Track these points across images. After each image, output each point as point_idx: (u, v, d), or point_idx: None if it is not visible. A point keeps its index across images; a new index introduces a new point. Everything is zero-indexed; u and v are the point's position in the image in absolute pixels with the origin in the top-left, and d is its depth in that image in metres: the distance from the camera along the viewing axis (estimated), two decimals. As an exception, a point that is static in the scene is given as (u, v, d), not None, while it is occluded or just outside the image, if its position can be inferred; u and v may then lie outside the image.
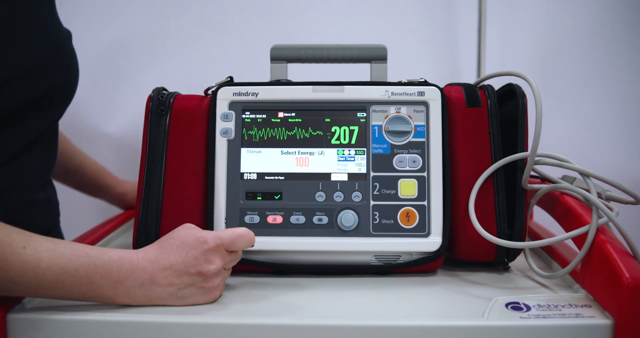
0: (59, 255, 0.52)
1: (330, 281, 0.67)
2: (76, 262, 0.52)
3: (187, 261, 0.57)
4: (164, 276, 0.56)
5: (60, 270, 0.51)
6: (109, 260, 0.54)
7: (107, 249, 0.55)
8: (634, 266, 0.54)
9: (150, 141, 0.70)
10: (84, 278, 0.52)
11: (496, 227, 0.68)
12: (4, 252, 0.49)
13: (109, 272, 0.54)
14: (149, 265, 0.56)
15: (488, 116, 0.70)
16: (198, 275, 0.57)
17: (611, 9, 1.19)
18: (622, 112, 1.21)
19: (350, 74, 0.89)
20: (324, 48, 0.76)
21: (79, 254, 0.53)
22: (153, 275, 0.56)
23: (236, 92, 0.70)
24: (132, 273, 0.55)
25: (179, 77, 1.16)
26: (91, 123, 1.19)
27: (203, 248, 0.58)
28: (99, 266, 0.53)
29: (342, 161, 0.69)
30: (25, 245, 0.50)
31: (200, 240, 0.58)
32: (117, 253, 0.55)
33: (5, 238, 0.50)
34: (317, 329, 0.54)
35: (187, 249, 0.57)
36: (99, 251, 0.54)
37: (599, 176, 0.63)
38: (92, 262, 0.53)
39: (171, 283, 0.57)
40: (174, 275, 0.57)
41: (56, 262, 0.51)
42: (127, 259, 0.55)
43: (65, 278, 0.52)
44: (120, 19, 1.18)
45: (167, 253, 0.57)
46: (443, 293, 0.63)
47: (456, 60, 1.21)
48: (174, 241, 0.58)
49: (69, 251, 0.52)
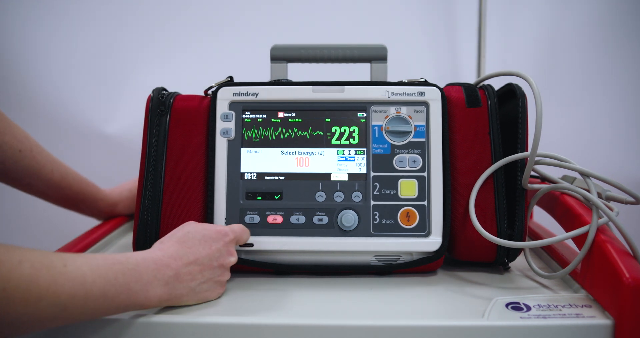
0: (96, 265, 0.49)
1: (331, 281, 0.67)
2: (113, 270, 0.50)
3: (211, 255, 0.58)
4: (187, 271, 0.56)
5: (104, 281, 0.49)
6: (137, 263, 0.53)
7: (129, 253, 0.54)
8: (634, 266, 0.54)
9: (150, 141, 0.70)
10: (122, 285, 0.51)
11: (496, 227, 0.68)
12: (52, 274, 0.45)
13: (140, 275, 0.52)
14: (172, 261, 0.56)
15: (488, 116, 0.70)
16: (219, 268, 0.59)
17: (611, 9, 1.19)
18: (622, 113, 1.21)
19: (350, 74, 0.89)
20: (324, 48, 0.76)
21: (112, 262, 0.51)
22: (177, 272, 0.55)
23: (236, 92, 0.70)
24: (158, 271, 0.54)
25: (179, 77, 1.16)
26: (91, 123, 1.19)
27: (225, 240, 0.59)
28: (131, 269, 0.52)
29: (342, 161, 0.69)
30: (64, 262, 0.47)
31: (221, 233, 0.60)
32: (139, 255, 0.54)
33: (45, 260, 0.46)
34: (317, 329, 0.54)
35: (210, 242, 0.58)
36: (126, 256, 0.53)
37: (599, 176, 0.63)
38: (125, 267, 0.51)
39: (193, 278, 0.57)
40: (197, 269, 0.57)
41: (98, 274, 0.49)
42: (150, 259, 0.54)
43: (107, 289, 0.49)
44: (120, 19, 1.18)
45: (190, 248, 0.57)
46: (443, 293, 0.63)
47: (456, 60, 1.21)
48: (194, 235, 0.58)
49: (102, 260, 0.50)
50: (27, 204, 1.17)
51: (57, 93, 1.17)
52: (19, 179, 0.77)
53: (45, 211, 1.04)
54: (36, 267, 0.44)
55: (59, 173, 0.80)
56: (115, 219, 0.90)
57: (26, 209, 1.20)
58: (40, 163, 0.77)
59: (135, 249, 0.68)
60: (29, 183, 0.78)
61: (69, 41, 1.18)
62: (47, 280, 0.45)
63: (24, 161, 0.75)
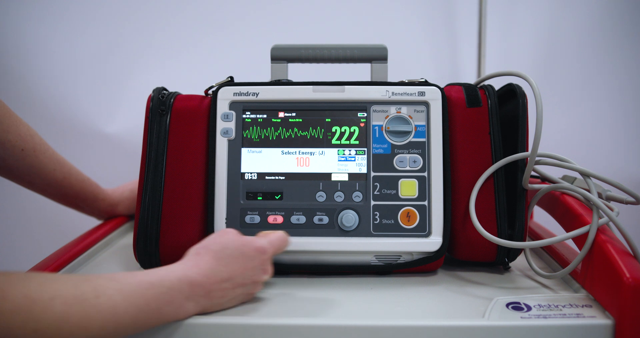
0: (128, 293, 0.48)
1: (331, 281, 0.67)
2: (145, 296, 0.50)
3: (245, 273, 0.57)
4: (220, 288, 0.55)
5: (135, 310, 0.49)
6: (171, 286, 0.52)
7: (161, 270, 0.53)
8: (635, 266, 0.54)
9: (151, 141, 0.70)
10: (154, 311, 0.50)
11: (497, 227, 0.68)
12: (83, 308, 0.45)
13: (172, 298, 0.52)
14: (205, 280, 0.54)
15: (488, 116, 0.70)
16: (251, 284, 0.58)
17: (611, 9, 1.19)
18: (622, 113, 1.22)
19: (351, 74, 0.89)
20: (324, 48, 0.76)
21: (145, 286, 0.50)
22: (209, 290, 0.55)
23: (237, 92, 0.70)
24: (191, 292, 0.53)
25: (179, 77, 1.16)
26: (91, 123, 1.19)
27: (262, 258, 0.58)
28: (164, 293, 0.51)
29: (343, 161, 0.69)
30: (96, 293, 0.46)
31: (259, 251, 0.58)
32: (173, 274, 0.53)
33: (77, 293, 0.45)
34: (317, 329, 0.54)
35: (246, 260, 0.57)
36: (159, 276, 0.52)
37: (599, 176, 0.63)
38: (158, 292, 0.51)
39: (224, 295, 0.56)
40: (230, 286, 0.56)
41: (130, 302, 0.48)
42: (185, 280, 0.53)
43: (138, 316, 0.49)
44: (120, 19, 1.18)
45: (225, 266, 0.56)
46: (443, 293, 0.63)
47: (456, 60, 1.22)
48: (232, 252, 0.56)
49: (135, 285, 0.49)
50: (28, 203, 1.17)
51: (58, 93, 1.17)
52: (20, 176, 0.77)
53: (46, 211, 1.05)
54: (68, 303, 0.44)
55: (61, 172, 0.80)
56: (115, 219, 0.90)
57: (27, 209, 1.20)
58: (42, 162, 0.77)
59: (136, 249, 0.68)
60: (30, 180, 0.78)
61: (70, 41, 1.18)
62: (78, 316, 0.44)
63: (26, 159, 0.75)
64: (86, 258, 0.75)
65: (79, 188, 0.83)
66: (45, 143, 0.78)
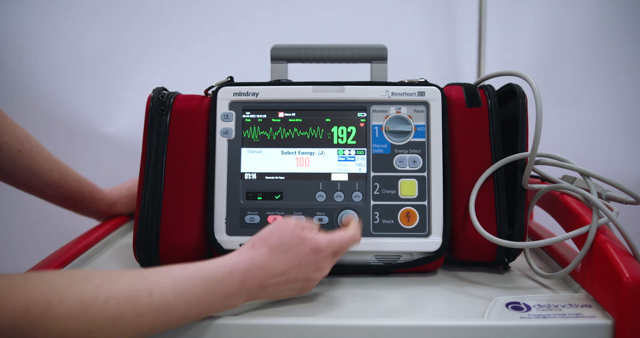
0: (181, 290, 0.49)
1: (330, 281, 0.67)
2: (196, 291, 0.50)
3: (299, 270, 0.57)
4: (273, 282, 0.55)
5: (187, 306, 0.49)
6: (223, 278, 0.52)
7: (215, 262, 0.53)
8: (634, 266, 0.54)
9: (151, 141, 0.70)
10: (205, 304, 0.51)
11: (496, 227, 0.68)
12: (136, 308, 0.46)
13: (225, 291, 0.52)
14: (259, 273, 0.54)
15: (488, 116, 0.70)
16: (304, 281, 0.58)
17: (611, 9, 1.19)
18: (622, 112, 1.22)
19: (351, 74, 0.89)
20: (324, 48, 0.76)
21: (197, 282, 0.51)
22: (262, 283, 0.55)
23: (236, 92, 0.70)
24: (243, 284, 0.53)
25: (179, 77, 1.16)
26: (91, 123, 1.19)
27: (318, 257, 0.58)
28: (215, 287, 0.52)
29: (343, 161, 0.69)
30: (149, 291, 0.47)
31: (315, 250, 0.57)
32: (227, 265, 0.53)
33: (131, 293, 0.46)
34: (317, 329, 0.54)
35: (300, 258, 0.56)
36: (212, 271, 0.52)
37: (599, 176, 0.63)
38: (209, 286, 0.51)
39: (277, 289, 0.56)
40: (283, 281, 0.56)
41: (182, 298, 0.49)
42: (238, 271, 0.53)
43: (189, 311, 0.50)
44: (120, 19, 1.18)
45: (280, 260, 0.56)
46: (443, 293, 0.63)
47: (456, 60, 1.22)
48: (288, 247, 0.56)
49: (188, 281, 0.50)
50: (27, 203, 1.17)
51: (58, 93, 1.17)
52: (17, 179, 0.77)
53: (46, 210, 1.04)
54: (121, 304, 0.45)
55: (58, 173, 0.80)
56: (115, 219, 0.90)
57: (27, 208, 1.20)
58: (39, 164, 0.77)
59: (136, 249, 0.68)
60: (27, 182, 0.78)
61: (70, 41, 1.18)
62: (131, 315, 0.46)
63: (22, 161, 0.75)
64: (86, 258, 0.75)
65: (76, 188, 0.83)
66: (41, 144, 0.78)
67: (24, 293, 0.41)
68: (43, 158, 0.78)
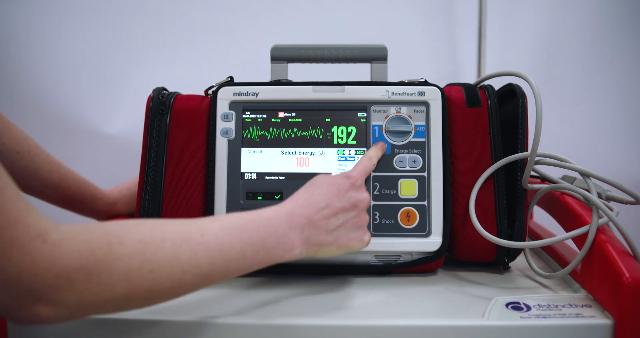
0: (231, 228, 0.50)
1: (331, 281, 0.67)
2: (248, 230, 0.51)
3: (340, 196, 0.58)
4: (321, 216, 0.56)
5: (241, 244, 0.50)
6: (269, 218, 0.53)
7: (261, 209, 0.55)
8: (634, 266, 0.54)
9: (151, 141, 0.70)
10: (259, 243, 0.52)
11: (496, 227, 0.68)
12: (191, 247, 0.47)
13: (275, 229, 0.53)
14: (304, 209, 0.56)
15: (488, 116, 0.70)
16: (352, 209, 0.59)
17: (611, 9, 1.19)
18: (622, 112, 1.21)
19: (350, 74, 0.89)
20: (324, 48, 0.76)
21: (245, 222, 0.52)
22: (310, 218, 0.56)
23: (236, 92, 0.70)
24: (291, 221, 0.54)
25: (179, 77, 1.16)
26: (91, 123, 1.19)
27: (351, 181, 0.60)
28: (265, 225, 0.53)
29: (343, 161, 0.69)
30: (202, 232, 0.49)
31: (345, 176, 0.61)
32: (270, 209, 0.55)
33: (184, 233, 0.48)
34: (317, 329, 0.54)
35: (336, 185, 0.59)
36: (258, 213, 0.54)
37: (599, 176, 0.63)
38: (258, 225, 0.52)
39: (328, 223, 0.57)
40: (330, 213, 0.57)
41: (234, 236, 0.50)
42: (282, 211, 0.55)
43: (245, 249, 0.51)
44: (120, 19, 1.18)
45: (319, 195, 0.58)
46: (443, 293, 0.63)
47: (456, 60, 1.21)
48: (321, 182, 0.59)
49: (237, 222, 0.51)
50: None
51: (58, 93, 1.17)
52: (16, 180, 0.76)
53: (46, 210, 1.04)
54: (177, 244, 0.46)
55: (57, 174, 0.80)
56: (115, 219, 0.90)
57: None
58: (38, 164, 0.77)
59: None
60: (27, 183, 0.78)
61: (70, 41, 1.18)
62: (188, 254, 0.47)
63: (21, 162, 0.75)
64: (86, 258, 0.75)
65: (76, 188, 0.83)
66: (40, 145, 0.78)
67: (87, 236, 0.42)
68: (42, 158, 0.78)
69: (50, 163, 0.79)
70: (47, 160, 0.79)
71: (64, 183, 0.81)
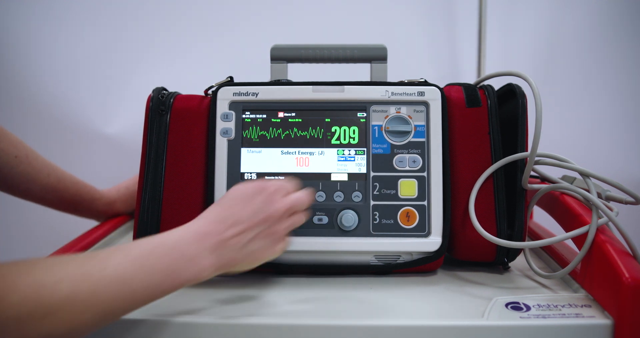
0: (134, 257, 0.48)
1: (330, 281, 0.67)
2: (152, 256, 0.49)
3: (253, 210, 0.56)
4: (231, 233, 0.54)
5: (145, 273, 0.48)
6: (176, 240, 0.51)
7: (167, 231, 0.53)
8: (634, 266, 0.54)
9: (150, 141, 0.70)
10: (165, 269, 0.49)
11: (496, 227, 0.68)
12: (91, 284, 0.45)
13: (182, 252, 0.51)
14: (212, 227, 0.54)
15: (488, 116, 0.70)
16: (264, 222, 0.56)
17: (612, 9, 1.19)
18: (622, 113, 1.22)
19: (350, 74, 0.89)
20: (324, 48, 0.76)
21: (150, 248, 0.50)
22: (221, 238, 0.53)
23: (236, 92, 0.70)
24: (200, 242, 0.52)
25: (179, 77, 1.16)
26: (91, 123, 1.19)
27: (266, 192, 0.57)
28: (172, 248, 0.50)
29: (342, 161, 0.69)
30: (102, 266, 0.46)
31: (258, 187, 0.57)
32: (179, 230, 0.53)
33: (83, 270, 0.45)
34: (317, 329, 0.54)
35: (249, 198, 0.56)
36: (165, 235, 0.52)
37: (599, 176, 0.63)
38: (164, 249, 0.50)
39: (240, 239, 0.54)
40: (241, 229, 0.55)
41: (137, 266, 0.48)
42: (191, 231, 0.53)
43: (150, 279, 0.48)
44: (120, 19, 1.18)
45: (230, 208, 0.55)
46: (443, 293, 0.63)
47: (456, 60, 1.22)
48: (233, 195, 0.57)
49: (141, 250, 0.49)
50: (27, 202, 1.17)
51: (58, 93, 1.17)
52: (16, 185, 0.77)
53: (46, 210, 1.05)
54: (75, 282, 0.44)
55: (56, 177, 0.80)
56: (115, 219, 0.90)
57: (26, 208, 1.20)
58: (36, 168, 0.77)
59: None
60: (26, 188, 0.78)
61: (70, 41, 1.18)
62: (87, 292, 0.45)
63: (20, 166, 0.75)
64: (86, 258, 0.75)
65: (74, 190, 0.83)
66: (34, 150, 0.78)
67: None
68: (39, 162, 0.78)
69: (47, 167, 0.80)
70: (44, 164, 0.79)
71: (62, 185, 0.82)
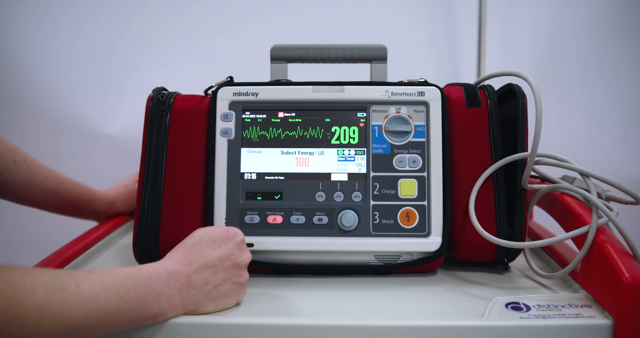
0: (109, 282, 0.49)
1: (330, 281, 0.67)
2: (125, 285, 0.50)
3: (222, 255, 0.57)
4: (200, 276, 0.55)
5: (116, 298, 0.48)
6: (148, 275, 0.52)
7: (141, 265, 0.53)
8: (634, 266, 0.54)
9: (150, 141, 0.70)
10: (135, 299, 0.50)
11: (496, 227, 0.68)
12: (65, 297, 0.45)
13: (152, 287, 0.52)
14: (182, 268, 0.54)
15: (488, 116, 0.70)
16: (233, 268, 0.57)
17: (611, 9, 1.19)
18: (622, 112, 1.22)
19: (350, 74, 0.89)
20: (324, 48, 0.76)
21: (124, 276, 0.50)
22: (189, 278, 0.54)
23: (236, 92, 0.70)
24: (170, 280, 0.53)
25: (179, 77, 1.16)
26: (91, 123, 1.19)
27: (236, 239, 0.58)
28: (143, 283, 0.51)
29: (342, 161, 0.69)
30: (77, 283, 0.47)
31: (230, 232, 0.59)
32: (150, 266, 0.53)
33: (58, 283, 0.45)
34: (317, 329, 0.54)
35: (219, 243, 0.57)
36: (137, 269, 0.52)
37: (599, 176, 0.63)
38: (137, 281, 0.51)
39: (207, 282, 0.55)
40: (210, 272, 0.56)
41: (110, 290, 0.48)
42: (161, 269, 0.53)
43: (120, 305, 0.49)
44: (120, 19, 1.18)
45: (199, 251, 0.56)
46: (443, 293, 0.63)
47: (456, 60, 1.22)
48: (202, 238, 0.57)
49: (115, 276, 0.50)
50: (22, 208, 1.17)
51: (58, 93, 1.17)
52: (17, 190, 0.77)
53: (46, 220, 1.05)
54: (49, 291, 0.44)
55: (55, 179, 0.81)
56: (114, 219, 0.90)
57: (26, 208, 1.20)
58: (35, 171, 0.78)
59: (136, 249, 0.68)
60: (26, 192, 0.78)
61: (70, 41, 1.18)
62: (60, 303, 0.45)
63: (19, 171, 0.75)
64: (86, 258, 0.75)
65: (74, 191, 0.84)
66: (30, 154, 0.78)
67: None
68: (37, 165, 0.78)
69: (45, 170, 0.80)
70: (42, 167, 0.80)
71: (61, 187, 0.82)
